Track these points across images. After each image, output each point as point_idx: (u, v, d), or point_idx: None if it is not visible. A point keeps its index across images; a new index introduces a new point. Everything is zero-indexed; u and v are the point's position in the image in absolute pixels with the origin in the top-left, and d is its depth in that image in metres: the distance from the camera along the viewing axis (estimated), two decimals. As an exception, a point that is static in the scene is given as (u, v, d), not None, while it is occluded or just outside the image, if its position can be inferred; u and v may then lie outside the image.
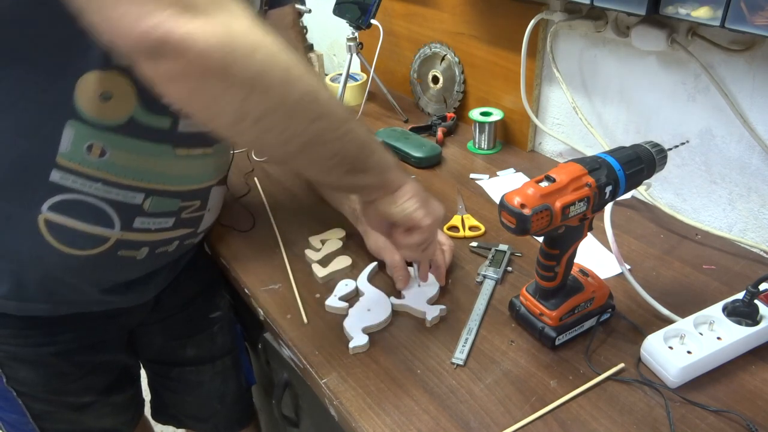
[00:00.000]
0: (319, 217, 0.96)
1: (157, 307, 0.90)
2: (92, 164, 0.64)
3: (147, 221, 0.71)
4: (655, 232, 0.90)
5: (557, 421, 0.61)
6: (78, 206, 0.65)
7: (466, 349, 0.70)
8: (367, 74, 1.35)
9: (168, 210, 0.72)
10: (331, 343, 0.72)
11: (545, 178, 0.61)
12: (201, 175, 0.75)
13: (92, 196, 0.65)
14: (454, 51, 1.22)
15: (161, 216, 0.72)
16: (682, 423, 0.60)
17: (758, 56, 0.76)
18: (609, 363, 0.67)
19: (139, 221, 0.70)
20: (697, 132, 0.88)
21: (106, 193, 0.66)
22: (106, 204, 0.66)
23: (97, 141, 0.63)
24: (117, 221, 0.68)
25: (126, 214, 0.68)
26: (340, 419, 0.65)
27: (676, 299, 0.75)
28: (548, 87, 1.09)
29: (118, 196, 0.67)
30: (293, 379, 0.87)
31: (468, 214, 0.95)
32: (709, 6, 0.69)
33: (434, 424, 0.61)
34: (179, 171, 0.71)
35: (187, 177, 0.73)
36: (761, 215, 0.85)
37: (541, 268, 0.68)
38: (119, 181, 0.66)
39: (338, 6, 1.24)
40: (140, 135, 0.65)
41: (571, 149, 1.09)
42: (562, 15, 0.95)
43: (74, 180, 0.64)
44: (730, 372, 0.66)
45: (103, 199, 0.66)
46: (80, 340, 0.80)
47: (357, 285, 0.80)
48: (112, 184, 0.66)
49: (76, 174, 0.63)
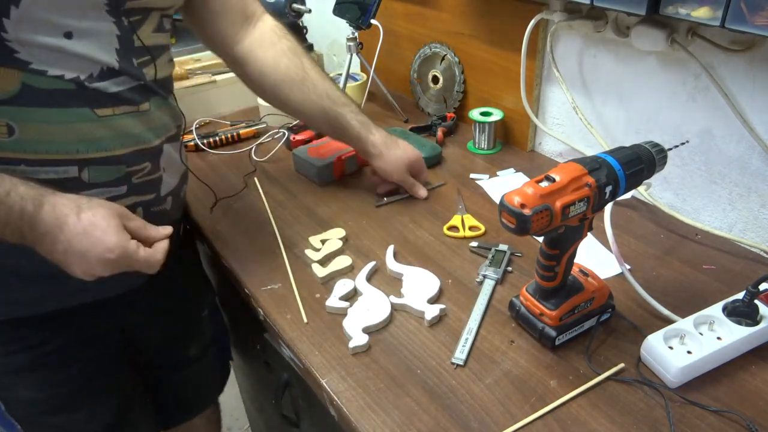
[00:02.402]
0: (319, 217, 0.96)
1: (148, 301, 0.88)
2: (4, 146, 0.60)
3: (95, 193, 0.67)
4: (655, 232, 0.90)
5: (557, 421, 0.61)
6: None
7: (466, 349, 0.70)
8: (367, 74, 1.35)
9: (114, 178, 0.69)
10: (331, 343, 0.72)
11: (545, 178, 0.61)
12: (138, 135, 0.71)
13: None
14: (454, 51, 1.22)
15: (108, 185, 0.68)
16: (682, 423, 0.60)
17: (758, 56, 0.76)
18: (609, 363, 0.67)
19: (87, 194, 0.65)
20: (697, 132, 0.88)
21: (34, 174, 0.62)
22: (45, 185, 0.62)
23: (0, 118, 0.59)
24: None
25: (66, 190, 0.63)
26: (340, 419, 0.65)
27: (676, 299, 0.75)
28: (548, 87, 1.09)
29: (49, 174, 0.63)
30: (293, 379, 0.87)
31: (468, 214, 0.95)
32: (709, 6, 0.69)
33: (434, 424, 0.61)
34: (108, 134, 0.67)
35: (122, 139, 0.68)
36: (761, 215, 0.85)
37: (541, 268, 0.68)
38: (43, 158, 0.62)
39: (338, 6, 1.24)
40: (44, 101, 0.61)
41: (571, 149, 1.09)
42: (562, 15, 0.95)
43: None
44: (730, 372, 0.66)
45: (34, 180, 0.61)
46: (75, 336, 0.78)
47: (356, 285, 0.80)
48: (36, 163, 0.62)
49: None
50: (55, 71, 0.61)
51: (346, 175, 1.09)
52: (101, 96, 0.65)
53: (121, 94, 0.67)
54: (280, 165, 1.13)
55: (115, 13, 0.65)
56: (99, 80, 0.64)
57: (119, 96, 0.67)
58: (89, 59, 0.64)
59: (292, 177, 1.09)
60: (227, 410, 1.84)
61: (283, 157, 1.16)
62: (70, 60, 0.62)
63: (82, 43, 0.62)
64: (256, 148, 1.19)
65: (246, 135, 1.23)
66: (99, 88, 0.65)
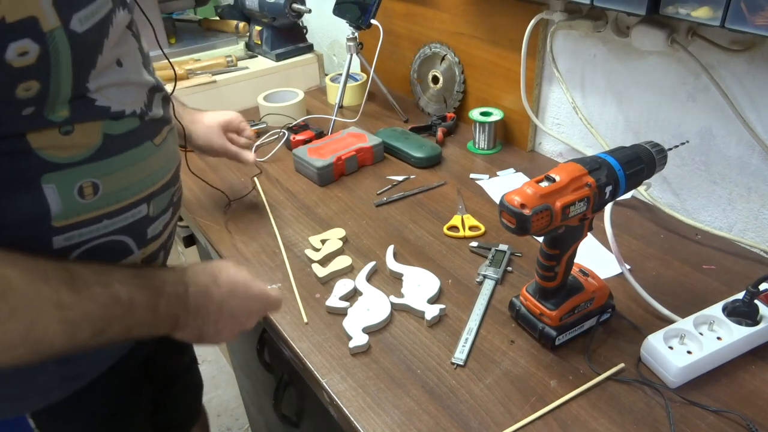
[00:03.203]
0: (319, 217, 0.96)
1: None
2: (91, 207, 0.55)
3: (155, 226, 0.64)
4: (655, 232, 0.90)
5: (557, 421, 0.61)
6: (93, 254, 0.57)
7: (466, 349, 0.70)
8: (367, 74, 1.35)
9: (167, 204, 0.66)
10: (331, 343, 0.72)
11: (545, 178, 0.61)
12: (176, 154, 0.69)
13: (102, 237, 0.57)
14: (454, 51, 1.22)
15: (163, 213, 0.66)
16: (682, 423, 0.60)
17: (758, 56, 0.76)
18: (609, 363, 0.67)
19: (150, 230, 0.63)
20: (697, 132, 0.88)
21: (113, 225, 0.58)
22: (118, 235, 0.59)
23: (85, 179, 0.53)
24: (133, 244, 0.61)
25: (138, 232, 0.61)
26: (340, 419, 0.65)
27: (676, 299, 0.75)
28: (548, 87, 1.09)
29: (126, 221, 0.59)
30: (293, 379, 0.87)
31: (468, 214, 0.95)
32: (709, 6, 0.69)
33: (434, 424, 0.61)
34: (163, 160, 0.64)
35: (169, 161, 0.66)
36: (761, 215, 0.85)
37: (541, 268, 0.68)
38: (122, 206, 0.58)
39: (338, 6, 1.24)
40: (122, 147, 0.57)
41: (571, 149, 1.09)
42: (562, 15, 0.95)
43: (80, 234, 0.55)
44: (730, 372, 0.66)
45: (113, 233, 0.58)
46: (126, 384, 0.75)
47: (356, 285, 0.80)
48: (116, 213, 0.58)
49: (79, 227, 0.54)
50: (128, 108, 0.57)
51: (346, 175, 1.09)
52: (154, 123, 0.62)
53: (164, 115, 0.64)
54: (280, 165, 1.13)
55: (131, 23, 0.61)
56: (149, 106, 0.61)
57: (163, 118, 0.64)
58: (136, 83, 0.59)
59: (292, 177, 1.09)
60: (227, 410, 1.84)
61: (283, 157, 1.16)
62: (129, 90, 0.58)
63: (128, 67, 0.58)
64: (256, 148, 1.19)
65: (246, 135, 1.23)
66: (152, 115, 0.61)
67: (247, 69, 1.55)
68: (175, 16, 1.88)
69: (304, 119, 1.27)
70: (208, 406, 1.86)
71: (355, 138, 1.13)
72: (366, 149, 1.10)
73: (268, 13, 1.54)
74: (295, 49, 1.62)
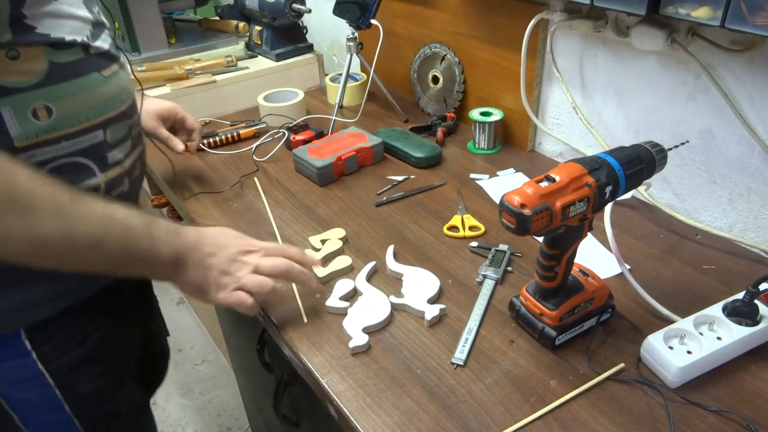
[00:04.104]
0: (319, 217, 0.96)
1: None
2: (47, 128, 0.62)
3: (114, 153, 0.70)
4: (655, 232, 0.90)
5: (557, 421, 0.61)
6: (58, 172, 0.64)
7: (466, 349, 0.70)
8: (367, 74, 1.35)
9: (125, 134, 0.72)
10: (331, 343, 0.72)
11: (545, 178, 0.61)
12: (127, 89, 0.74)
13: (64, 157, 0.64)
14: (454, 51, 1.22)
15: (122, 142, 0.71)
16: (682, 423, 0.60)
17: (758, 56, 0.76)
18: (609, 363, 0.67)
19: (110, 156, 0.69)
20: (697, 132, 0.88)
21: (72, 146, 0.65)
22: (78, 157, 0.65)
23: (37, 102, 0.61)
24: (94, 166, 0.67)
25: (98, 155, 0.67)
26: (340, 419, 0.65)
27: (676, 299, 0.75)
28: (548, 87, 1.09)
29: (84, 143, 0.66)
30: (293, 379, 0.87)
31: (468, 214, 0.95)
32: (709, 6, 0.69)
33: (434, 424, 0.61)
34: (113, 91, 0.70)
35: (121, 94, 0.72)
36: (761, 215, 0.85)
37: (541, 268, 0.68)
38: (77, 129, 0.65)
39: (338, 6, 1.24)
40: (69, 75, 0.64)
41: (571, 149, 1.09)
42: (562, 15, 0.95)
43: (41, 152, 0.62)
44: (730, 372, 0.66)
45: (72, 154, 0.65)
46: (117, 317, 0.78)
47: (356, 285, 0.80)
48: (72, 136, 0.65)
49: (39, 146, 0.62)
50: (68, 37, 0.63)
51: (346, 175, 1.09)
52: (100, 57, 0.68)
53: (110, 51, 0.70)
54: (280, 165, 1.13)
55: None
56: (93, 39, 0.67)
57: (110, 54, 0.70)
58: (78, 17, 0.65)
59: (292, 177, 1.09)
60: (227, 410, 1.84)
61: (283, 157, 1.16)
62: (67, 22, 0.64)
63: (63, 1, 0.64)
64: (256, 148, 1.19)
65: (246, 135, 1.23)
66: (98, 49, 0.67)
67: (247, 69, 1.55)
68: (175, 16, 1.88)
69: (304, 119, 1.27)
70: (208, 406, 1.87)
71: (355, 138, 1.13)
72: (366, 149, 1.10)
73: (268, 13, 1.54)
74: (295, 49, 1.62)
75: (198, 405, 1.88)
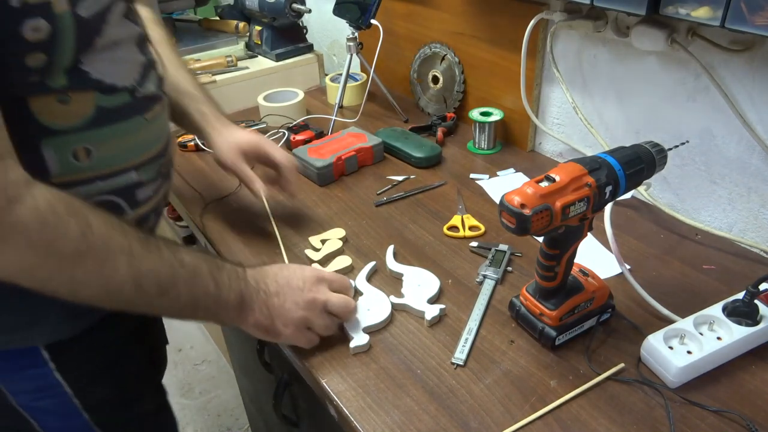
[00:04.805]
0: (319, 217, 0.96)
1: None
2: (84, 169, 0.62)
3: (145, 191, 0.70)
4: (655, 232, 0.90)
5: (557, 421, 0.61)
6: None
7: (466, 349, 0.70)
8: (367, 74, 1.35)
9: (155, 173, 0.72)
10: (331, 343, 0.72)
11: (545, 178, 0.61)
12: (165, 130, 0.74)
13: (97, 195, 0.64)
14: (454, 51, 1.22)
15: (153, 181, 0.72)
16: (682, 423, 0.60)
17: (758, 56, 0.76)
18: (609, 363, 0.67)
19: (140, 194, 0.69)
20: (697, 132, 0.88)
21: (106, 186, 0.65)
22: (111, 195, 0.66)
23: (78, 144, 0.61)
24: (125, 205, 0.68)
25: (129, 194, 0.68)
26: (340, 419, 0.65)
27: (676, 299, 0.75)
28: (548, 87, 1.09)
29: (118, 184, 0.66)
30: (293, 379, 0.87)
31: (468, 214, 0.95)
32: (709, 6, 0.69)
33: (434, 424, 0.61)
34: (154, 134, 0.70)
35: (159, 136, 0.72)
36: (761, 215, 0.85)
37: (541, 268, 0.68)
38: (113, 171, 0.65)
39: (338, 6, 1.24)
40: (113, 119, 0.64)
41: (571, 149, 1.09)
42: (562, 15, 0.95)
43: (77, 192, 0.62)
44: (730, 372, 0.66)
45: (106, 193, 0.65)
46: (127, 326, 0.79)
47: (356, 285, 0.80)
48: (107, 177, 0.65)
49: (75, 185, 0.62)
50: (119, 83, 0.63)
51: (346, 175, 1.09)
52: (145, 100, 0.68)
53: (156, 92, 0.70)
54: (280, 165, 1.13)
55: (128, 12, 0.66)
56: (141, 82, 0.66)
57: (155, 96, 0.70)
58: (130, 61, 0.65)
59: (292, 177, 1.09)
60: (227, 410, 1.84)
61: (283, 157, 1.15)
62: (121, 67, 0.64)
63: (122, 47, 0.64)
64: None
65: (246, 135, 1.23)
66: (144, 92, 0.67)
67: (247, 69, 1.55)
68: (175, 16, 1.88)
69: (304, 119, 1.27)
70: (208, 406, 1.87)
71: (355, 138, 1.13)
72: (366, 149, 1.10)
73: (268, 13, 1.54)
74: (295, 49, 1.62)
75: (198, 405, 1.88)
